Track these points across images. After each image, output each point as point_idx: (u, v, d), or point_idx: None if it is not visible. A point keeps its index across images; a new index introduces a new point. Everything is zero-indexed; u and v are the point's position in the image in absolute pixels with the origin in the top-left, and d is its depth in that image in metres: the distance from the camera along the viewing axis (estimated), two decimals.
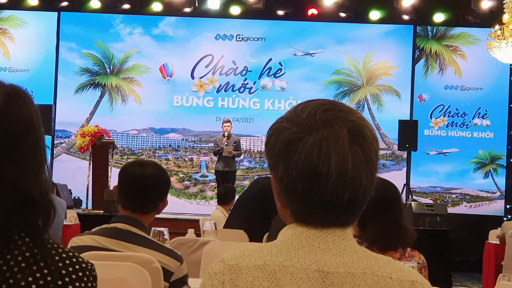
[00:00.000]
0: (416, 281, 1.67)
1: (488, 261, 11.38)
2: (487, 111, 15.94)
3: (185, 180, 15.95)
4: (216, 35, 16.10)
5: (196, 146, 16.04)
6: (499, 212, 15.56)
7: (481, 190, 15.94)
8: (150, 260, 3.29)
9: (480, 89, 15.96)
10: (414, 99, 15.97)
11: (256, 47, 16.10)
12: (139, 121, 16.00)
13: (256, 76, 16.02)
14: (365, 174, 1.64)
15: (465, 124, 16.01)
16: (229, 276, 1.64)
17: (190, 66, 16.03)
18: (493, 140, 15.90)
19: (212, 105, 15.96)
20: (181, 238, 5.63)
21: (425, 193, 15.89)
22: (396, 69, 16.06)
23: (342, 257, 1.64)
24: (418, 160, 15.74)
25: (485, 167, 15.93)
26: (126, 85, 16.04)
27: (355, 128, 1.65)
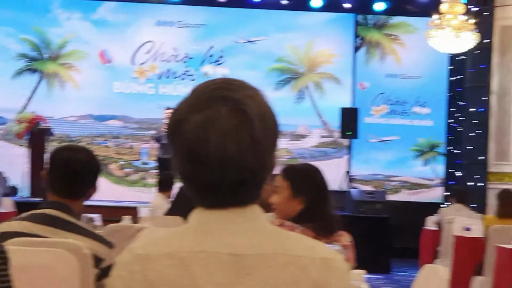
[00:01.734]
0: (327, 258, 1.63)
1: (425, 247, 11.52)
2: (427, 99, 16.10)
3: (126, 168, 15.82)
4: (156, 21, 15.97)
5: (137, 133, 15.91)
6: (438, 199, 15.73)
7: (420, 178, 16.11)
8: (79, 246, 3.23)
9: (419, 78, 16.11)
10: (355, 87, 16.05)
11: (198, 34, 16.01)
12: (78, 107, 15.79)
13: (197, 63, 15.94)
14: (250, 154, 1.58)
15: (405, 112, 16.15)
16: (138, 266, 1.59)
17: (130, 52, 15.88)
18: (433, 128, 16.08)
19: (153, 92, 15.84)
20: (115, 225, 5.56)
21: (366, 181, 15.99)
22: (337, 57, 16.12)
23: (253, 238, 1.60)
24: (359, 148, 15.83)
25: (424, 154, 16.10)
26: (64, 71, 15.82)
27: (238, 106, 1.59)
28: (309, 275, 1.60)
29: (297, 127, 16.01)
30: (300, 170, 3.84)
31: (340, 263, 1.65)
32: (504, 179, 14.78)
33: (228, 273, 1.57)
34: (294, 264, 1.60)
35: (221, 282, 1.57)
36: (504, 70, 14.93)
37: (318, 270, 1.61)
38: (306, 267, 1.60)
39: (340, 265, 1.64)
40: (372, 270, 12.26)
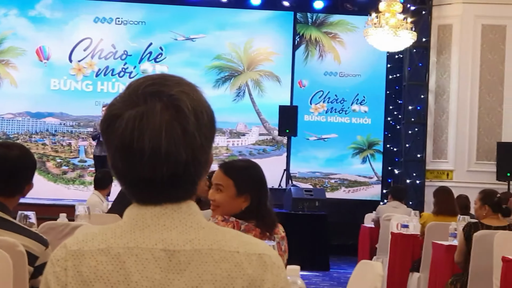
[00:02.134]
0: (263, 254, 1.64)
1: (363, 244, 11.61)
2: (365, 97, 16.23)
3: (63, 165, 15.64)
4: (95, 18, 15.81)
5: (75, 130, 15.74)
6: (376, 197, 15.88)
7: (359, 175, 16.24)
8: (13, 243, 3.18)
9: (358, 76, 16.23)
10: (294, 85, 16.12)
11: (136, 31, 15.91)
12: (15, 105, 15.58)
13: (136, 61, 15.83)
14: (184, 149, 1.58)
15: (344, 110, 16.26)
16: (71, 262, 1.58)
17: (68, 49, 15.70)
18: (371, 126, 16.22)
19: (91, 89, 15.69)
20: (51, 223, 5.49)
21: (304, 178, 16.07)
22: (277, 55, 16.17)
23: (189, 234, 1.60)
24: (298, 146, 15.89)
25: (363, 152, 16.23)
26: (2, 68, 15.58)
27: (172, 102, 1.59)
28: (244, 271, 1.60)
29: (236, 125, 16.01)
30: (243, 168, 3.82)
31: (276, 259, 1.65)
32: (441, 176, 14.97)
33: (163, 269, 1.57)
34: (229, 260, 1.60)
35: (156, 278, 1.56)
36: (441, 69, 15.12)
37: (254, 266, 1.62)
38: (242, 263, 1.61)
39: (275, 261, 1.65)
40: (310, 267, 12.37)
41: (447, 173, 14.96)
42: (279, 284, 1.63)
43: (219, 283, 1.59)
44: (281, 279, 1.64)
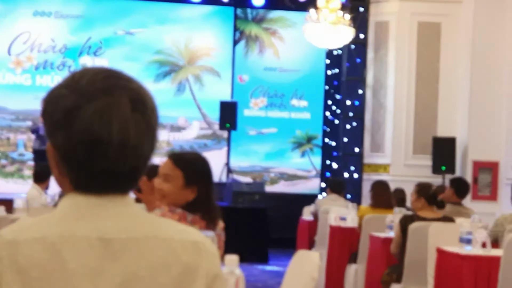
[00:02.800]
0: (198, 241, 1.67)
1: (302, 237, 11.71)
2: (304, 92, 16.38)
3: (2, 159, 15.48)
4: (34, 11, 15.66)
5: (14, 124, 15.58)
6: (314, 190, 16.03)
7: (298, 169, 16.38)
8: None
9: (297, 71, 16.37)
10: (235, 80, 16.19)
11: (76, 24, 15.79)
12: None
13: (75, 54, 15.72)
14: (147, 143, 1.63)
15: (284, 105, 16.38)
16: (6, 251, 1.56)
17: (6, 42, 15.51)
18: (310, 120, 16.37)
19: (30, 83, 15.54)
20: None
21: (244, 172, 16.15)
22: (217, 50, 16.21)
23: (124, 222, 1.62)
24: (238, 140, 15.97)
25: (302, 146, 16.38)
26: None
27: (137, 96, 1.63)
28: (179, 258, 1.63)
29: (177, 119, 16.02)
30: (193, 160, 3.86)
31: (210, 247, 1.68)
32: (378, 170, 15.19)
33: (99, 257, 1.58)
34: (164, 247, 1.63)
35: (92, 266, 1.57)
36: (379, 65, 15.34)
37: (189, 253, 1.64)
38: (177, 250, 1.63)
39: (210, 248, 1.68)
40: (250, 260, 12.44)
41: (384, 167, 15.19)
42: (213, 271, 1.66)
43: (154, 270, 1.60)
44: (215, 266, 1.67)
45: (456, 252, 5.45)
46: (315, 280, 2.91)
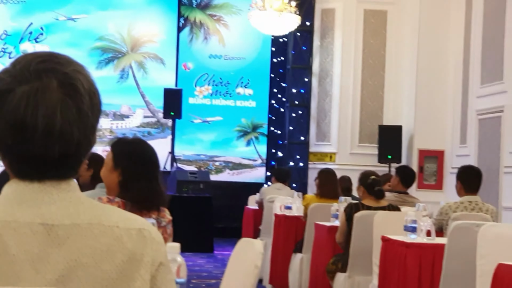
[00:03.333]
0: (143, 229, 1.66)
1: (247, 226, 11.66)
2: (250, 80, 16.27)
3: None
4: None
5: None
6: (260, 179, 15.98)
7: (243, 158, 16.29)
8: None
9: (242, 59, 16.25)
10: (179, 68, 16.01)
11: (16, 10, 15.46)
12: None
13: (16, 41, 15.40)
14: (78, 128, 1.60)
15: (229, 93, 16.26)
16: None
17: None
18: (255, 109, 16.28)
19: None
20: None
21: (189, 161, 16.02)
22: (161, 37, 16.01)
23: (68, 209, 1.60)
24: (183, 128, 15.83)
25: (247, 135, 16.29)
26: None
27: (68, 80, 1.60)
28: (124, 245, 1.61)
29: (120, 107, 15.80)
30: (125, 142, 3.87)
31: (156, 234, 1.67)
32: (324, 159, 15.17)
33: (41, 243, 1.56)
34: (109, 234, 1.61)
35: (34, 251, 1.55)
36: (325, 52, 15.30)
37: (133, 240, 1.63)
38: (121, 237, 1.62)
39: (155, 236, 1.67)
40: (195, 250, 12.37)
41: (330, 156, 15.18)
42: (159, 259, 1.65)
43: (98, 256, 1.59)
44: (161, 253, 1.66)
45: (400, 241, 5.41)
46: (258, 268, 2.82)
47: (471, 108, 12.74)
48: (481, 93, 12.41)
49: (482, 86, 12.39)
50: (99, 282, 1.59)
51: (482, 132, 12.32)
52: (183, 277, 2.50)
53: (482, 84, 12.40)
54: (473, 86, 12.72)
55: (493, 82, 12.00)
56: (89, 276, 1.58)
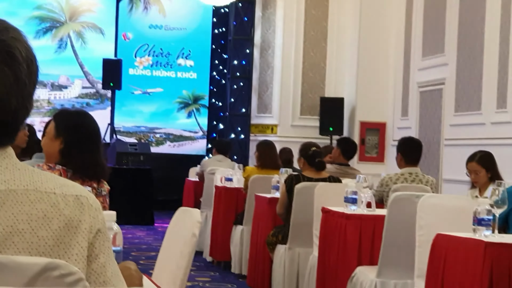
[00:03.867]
0: (81, 195, 1.64)
1: (188, 198, 11.61)
2: (191, 51, 16.11)
3: None
4: None
5: None
6: (201, 151, 15.89)
7: (184, 130, 16.16)
8: None
9: (183, 29, 16.07)
10: (119, 38, 15.78)
11: None
12: None
13: None
14: (15, 97, 1.58)
15: (170, 64, 16.09)
16: None
17: None
18: (196, 80, 16.14)
19: None
20: None
21: (129, 133, 15.84)
22: (100, 6, 15.74)
23: (3, 175, 1.58)
24: (123, 100, 15.63)
25: (188, 107, 16.15)
26: None
27: (4, 48, 1.57)
28: (61, 212, 1.60)
29: (58, 78, 15.53)
30: (68, 113, 3.92)
31: (93, 201, 1.66)
32: (265, 131, 15.14)
33: None
34: (45, 200, 1.59)
35: None
36: (267, 24, 15.21)
37: (70, 207, 1.61)
38: (58, 204, 1.60)
39: (92, 203, 1.65)
40: (135, 222, 12.27)
41: (271, 128, 15.14)
42: (96, 225, 1.64)
43: (34, 223, 1.57)
44: (99, 221, 1.64)
45: (341, 212, 5.39)
46: (196, 237, 2.86)
47: (413, 81, 12.79)
48: (422, 65, 12.46)
49: (423, 59, 12.43)
50: (36, 249, 1.56)
51: (423, 105, 12.38)
52: (119, 245, 2.49)
53: (423, 57, 12.44)
54: (414, 58, 12.77)
55: (435, 55, 12.05)
56: (26, 243, 1.55)
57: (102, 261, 1.64)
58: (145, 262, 8.76)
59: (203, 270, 8.83)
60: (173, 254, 2.91)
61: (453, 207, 4.65)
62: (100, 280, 1.63)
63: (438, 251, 4.00)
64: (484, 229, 3.80)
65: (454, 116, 11.31)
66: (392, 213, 4.95)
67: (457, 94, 11.24)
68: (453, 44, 11.40)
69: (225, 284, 7.92)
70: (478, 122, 10.62)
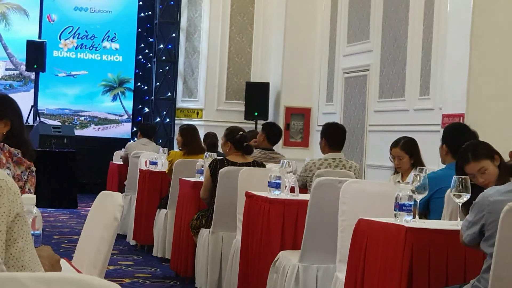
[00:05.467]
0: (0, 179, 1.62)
1: (112, 181, 11.53)
2: (116, 34, 15.94)
3: None
4: None
5: None
6: (126, 135, 15.77)
7: (109, 113, 16.01)
8: None
9: (109, 12, 15.88)
10: (43, 20, 15.52)
11: None
12: None
13: None
14: None
15: (95, 47, 15.90)
16: None
17: None
18: (122, 63, 15.98)
19: None
20: None
21: (53, 115, 15.63)
22: None
23: None
24: (47, 82, 15.41)
25: (113, 90, 16.00)
26: None
27: None
28: None
29: None
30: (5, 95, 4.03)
31: (12, 185, 1.63)
32: (191, 115, 15.09)
33: None
34: None
35: None
36: (193, 8, 15.14)
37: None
38: None
39: (11, 186, 1.63)
40: (58, 206, 12.14)
41: (197, 112, 15.11)
42: (15, 209, 1.62)
43: None
44: (17, 204, 1.63)
45: (264, 196, 5.40)
46: (117, 220, 2.84)
47: (338, 67, 12.89)
48: (347, 52, 12.57)
49: (348, 45, 12.54)
50: None
51: (348, 91, 12.50)
52: (38, 229, 2.45)
53: (348, 43, 12.55)
54: (340, 45, 12.86)
55: (360, 41, 12.16)
56: None
57: (21, 246, 1.62)
58: (67, 246, 8.68)
59: (126, 253, 8.78)
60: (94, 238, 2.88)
61: (375, 193, 4.70)
62: (18, 265, 1.62)
63: (360, 236, 4.04)
64: (405, 214, 3.85)
65: (378, 102, 11.45)
66: (315, 198, 4.98)
67: (381, 81, 11.38)
68: (377, 31, 11.52)
69: (148, 268, 7.89)
70: (401, 108, 10.77)
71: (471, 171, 4.21)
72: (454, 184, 3.88)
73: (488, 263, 3.31)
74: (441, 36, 9.66)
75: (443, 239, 3.76)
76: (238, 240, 5.90)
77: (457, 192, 3.86)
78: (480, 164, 4.22)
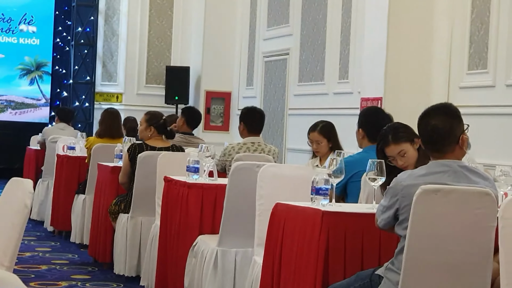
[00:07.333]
0: None
1: (29, 166, 11.35)
2: (33, 17, 15.64)
3: None
4: None
5: None
6: (44, 119, 15.52)
7: (26, 97, 15.72)
8: None
9: None
10: None
11: None
12: None
13: None
14: None
15: (11, 30, 15.58)
16: None
17: None
18: (39, 47, 15.70)
19: None
20: None
21: None
22: None
23: None
24: None
25: (30, 74, 15.71)
26: None
27: None
28: None
29: None
30: None
31: None
32: (110, 99, 14.95)
33: None
34: None
35: None
36: None
37: None
38: None
39: None
40: None
41: (116, 96, 14.96)
42: None
43: None
44: None
45: (182, 181, 5.38)
46: (28, 208, 2.83)
47: (258, 51, 12.91)
48: (267, 35, 12.59)
49: (268, 29, 12.56)
50: None
51: (268, 74, 12.53)
52: None
53: (268, 27, 12.57)
54: (260, 28, 12.87)
55: (280, 25, 12.19)
56: None
57: None
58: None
59: (44, 240, 8.66)
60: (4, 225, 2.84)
61: (293, 177, 4.72)
62: None
63: (277, 220, 4.05)
64: (321, 198, 3.86)
65: (298, 86, 11.51)
66: (233, 182, 4.97)
67: (301, 64, 11.43)
68: (297, 15, 11.56)
69: (66, 254, 7.79)
70: (321, 92, 10.85)
71: (391, 153, 4.28)
72: (369, 168, 3.91)
73: (401, 245, 3.35)
74: (360, 20, 9.74)
75: (359, 222, 3.79)
76: (157, 224, 5.87)
77: (373, 176, 3.90)
78: (400, 146, 4.29)
